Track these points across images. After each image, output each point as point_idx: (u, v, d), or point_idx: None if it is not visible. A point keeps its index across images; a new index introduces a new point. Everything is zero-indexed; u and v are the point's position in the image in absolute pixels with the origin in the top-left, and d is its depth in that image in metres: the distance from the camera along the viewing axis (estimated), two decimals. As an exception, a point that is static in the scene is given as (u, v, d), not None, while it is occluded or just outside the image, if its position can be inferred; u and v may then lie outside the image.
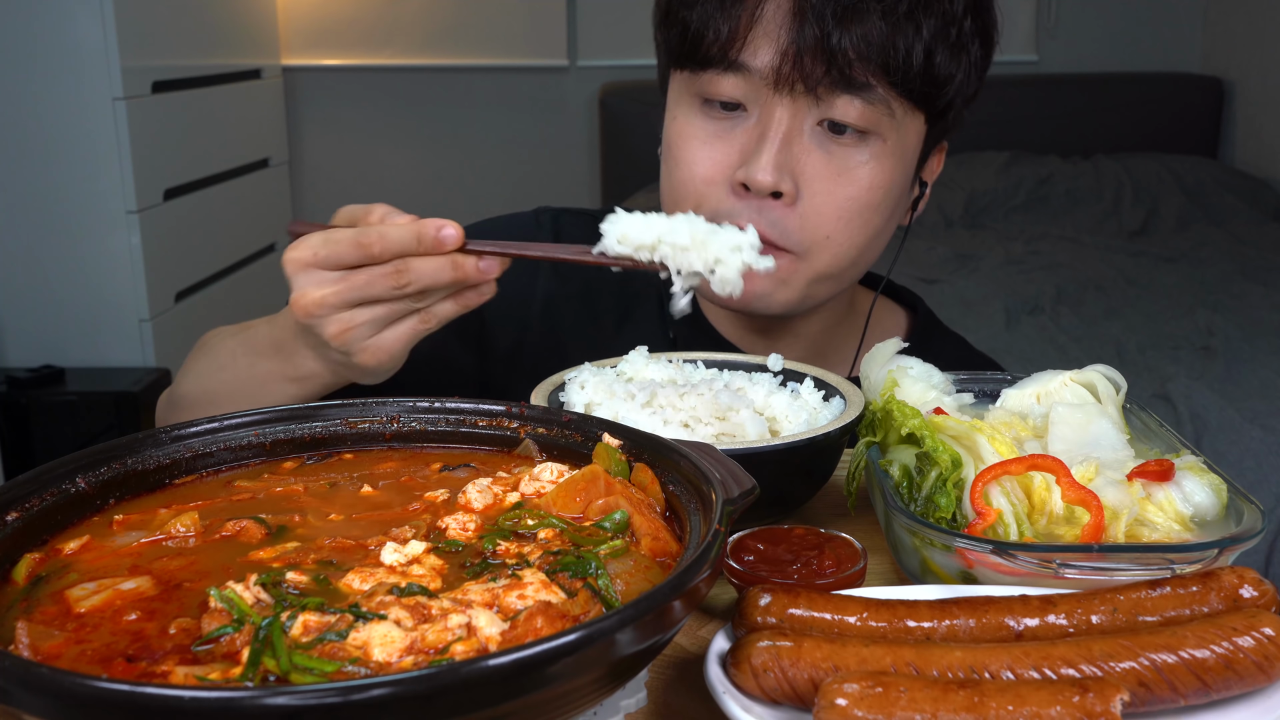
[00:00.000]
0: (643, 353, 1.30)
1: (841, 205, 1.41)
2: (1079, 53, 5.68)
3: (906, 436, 1.07)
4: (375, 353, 1.17)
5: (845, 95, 1.36)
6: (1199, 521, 1.00)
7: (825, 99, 1.36)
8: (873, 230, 1.46)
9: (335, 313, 1.15)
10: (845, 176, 1.40)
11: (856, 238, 1.44)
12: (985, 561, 0.95)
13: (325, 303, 1.15)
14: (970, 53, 1.43)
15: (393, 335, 1.17)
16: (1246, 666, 0.78)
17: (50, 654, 0.71)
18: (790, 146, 1.38)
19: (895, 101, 1.38)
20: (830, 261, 1.45)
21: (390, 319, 1.17)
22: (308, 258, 1.15)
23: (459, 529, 0.86)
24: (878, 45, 1.33)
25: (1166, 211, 5.09)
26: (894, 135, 1.41)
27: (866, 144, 1.40)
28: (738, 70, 1.38)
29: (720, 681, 0.82)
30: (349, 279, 1.14)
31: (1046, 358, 3.53)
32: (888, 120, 1.39)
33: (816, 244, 1.43)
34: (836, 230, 1.42)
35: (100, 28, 3.51)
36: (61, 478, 0.89)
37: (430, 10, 5.32)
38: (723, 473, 0.88)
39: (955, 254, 4.62)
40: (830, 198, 1.40)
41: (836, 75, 1.34)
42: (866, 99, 1.36)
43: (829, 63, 1.33)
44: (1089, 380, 1.17)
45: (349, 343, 1.17)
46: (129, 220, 3.67)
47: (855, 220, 1.43)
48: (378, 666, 0.68)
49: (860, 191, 1.41)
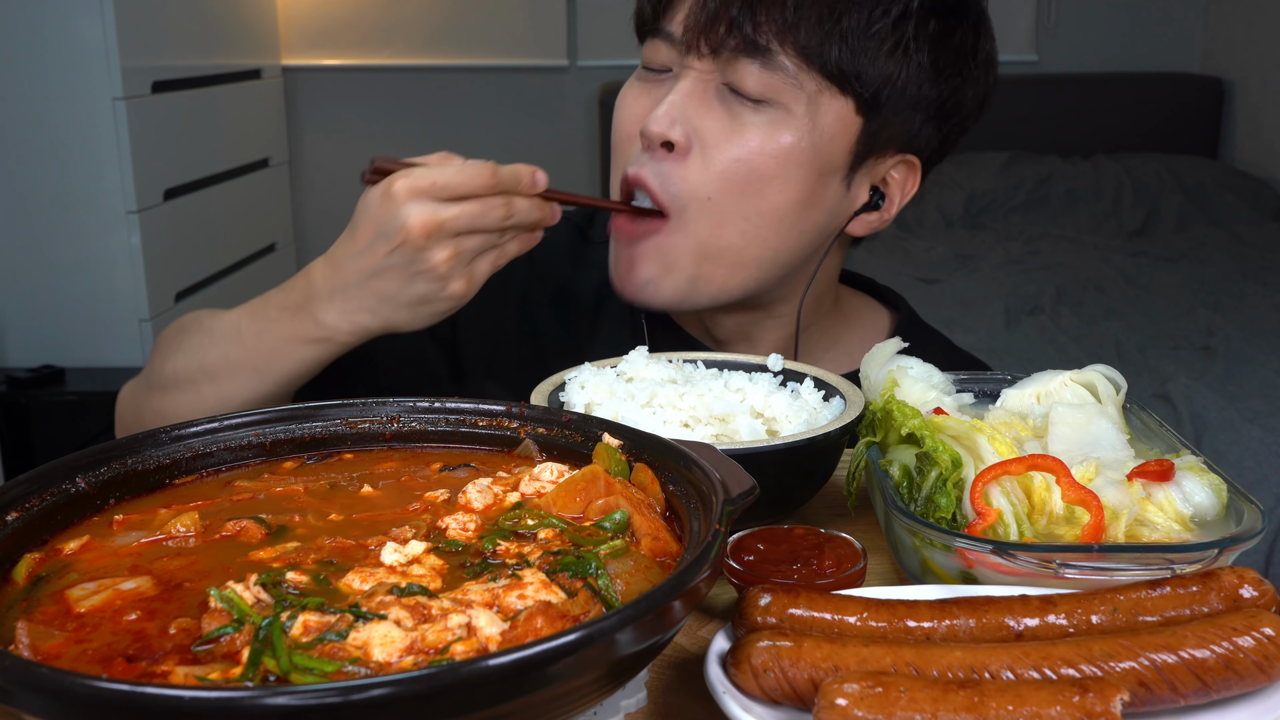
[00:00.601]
0: (642, 353, 1.30)
1: (728, 164, 1.41)
2: (1079, 53, 5.68)
3: (906, 436, 1.07)
4: (469, 281, 1.27)
5: (746, 60, 1.39)
6: (1199, 521, 1.00)
7: (730, 63, 1.41)
8: (768, 206, 1.42)
9: (449, 238, 1.23)
10: (738, 136, 1.41)
11: (744, 207, 1.42)
12: (985, 561, 0.95)
13: (444, 228, 1.23)
14: (913, 55, 1.41)
15: (484, 265, 1.28)
16: (1246, 666, 0.78)
17: (50, 654, 0.71)
18: (690, 101, 1.43)
19: (805, 76, 1.39)
20: (711, 229, 1.43)
21: (482, 250, 1.27)
22: (425, 186, 1.23)
23: (459, 529, 0.86)
24: (787, 19, 1.37)
25: (1166, 211, 5.09)
26: (802, 108, 1.40)
27: (766, 109, 1.41)
28: (665, 37, 1.46)
29: (720, 681, 0.82)
30: (465, 208, 1.23)
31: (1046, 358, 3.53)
32: (792, 91, 1.40)
33: (697, 203, 1.42)
34: (719, 191, 1.42)
35: (100, 28, 3.51)
36: (61, 478, 0.89)
37: (430, 10, 5.32)
38: (723, 473, 0.88)
39: (955, 254, 4.62)
40: (719, 153, 1.41)
41: (739, 40, 1.39)
42: (766, 64, 1.39)
43: (733, 27, 1.39)
44: (1089, 380, 1.17)
45: (453, 269, 1.25)
46: (129, 220, 3.67)
47: (740, 184, 1.41)
48: (378, 666, 0.68)
49: (749, 154, 1.41)
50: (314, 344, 1.34)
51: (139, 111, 3.66)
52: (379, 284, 1.28)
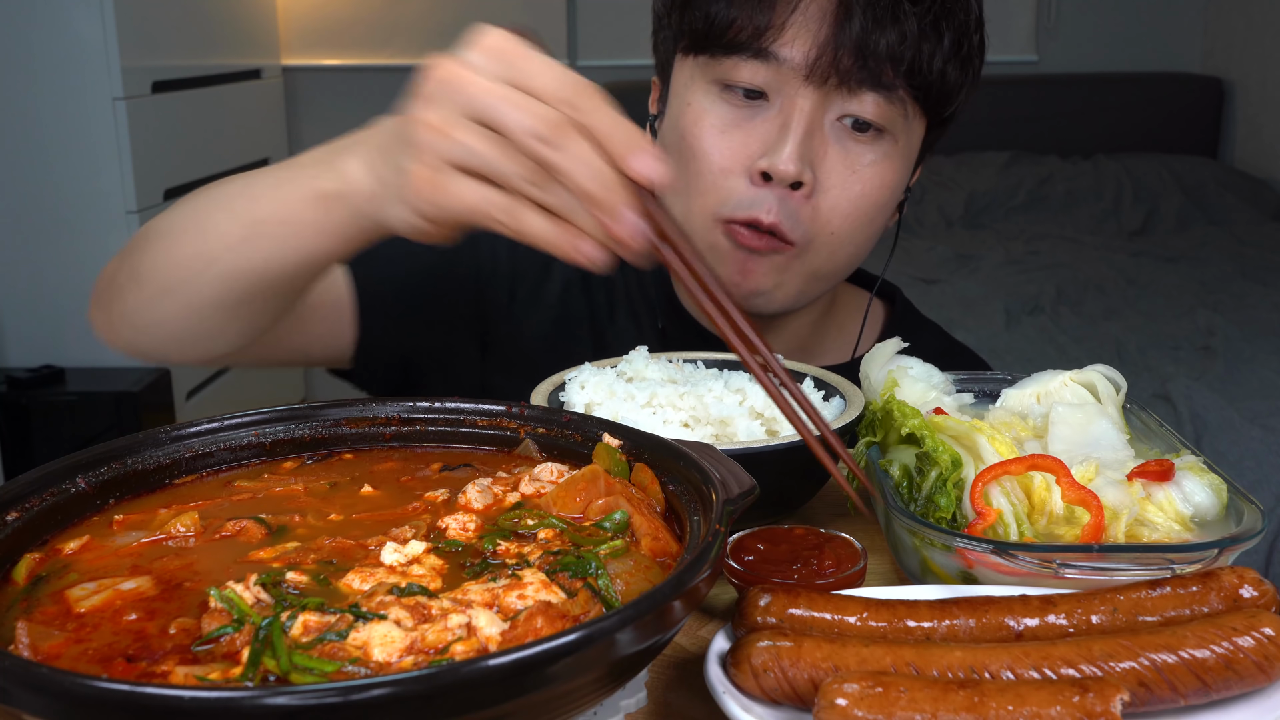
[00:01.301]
0: (643, 353, 1.30)
1: (853, 200, 1.43)
2: (1079, 53, 5.67)
3: (906, 436, 1.07)
4: (434, 186, 0.89)
5: (871, 92, 1.38)
6: (1199, 521, 1.00)
7: (853, 93, 1.39)
8: (873, 230, 1.49)
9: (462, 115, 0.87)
10: (858, 173, 1.43)
11: (858, 235, 1.47)
12: (985, 561, 0.95)
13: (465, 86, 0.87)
14: (974, 66, 1.47)
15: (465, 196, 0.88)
16: (1246, 666, 0.78)
17: (50, 654, 0.71)
18: (811, 138, 1.40)
19: (910, 103, 1.42)
20: (828, 258, 1.47)
21: (483, 167, 0.87)
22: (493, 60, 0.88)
23: (459, 529, 0.86)
24: (910, 47, 1.37)
25: (1166, 211, 5.09)
26: (904, 137, 1.45)
27: (880, 142, 1.43)
28: (766, 59, 1.38)
29: (720, 681, 0.82)
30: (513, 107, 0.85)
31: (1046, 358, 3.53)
32: (901, 121, 1.43)
33: (821, 238, 1.45)
34: (842, 226, 1.45)
35: (100, 28, 3.51)
36: (61, 478, 0.88)
37: (430, 10, 5.32)
38: (723, 473, 0.88)
39: (955, 254, 4.62)
40: (844, 192, 1.43)
41: (867, 73, 1.37)
42: (888, 98, 1.39)
43: (863, 60, 1.36)
44: (1089, 380, 1.17)
45: (432, 145, 0.88)
46: (129, 220, 3.67)
47: (861, 217, 1.45)
48: (378, 666, 0.68)
49: (870, 189, 1.44)
50: (331, 200, 1.03)
51: (139, 111, 3.66)
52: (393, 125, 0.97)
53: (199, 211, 1.17)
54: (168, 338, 1.22)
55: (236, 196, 1.13)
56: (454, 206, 0.89)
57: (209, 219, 1.14)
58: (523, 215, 0.87)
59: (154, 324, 1.21)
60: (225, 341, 1.22)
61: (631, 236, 0.85)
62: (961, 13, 1.42)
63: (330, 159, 1.05)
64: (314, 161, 1.08)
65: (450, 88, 0.87)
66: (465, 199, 0.88)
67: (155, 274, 1.18)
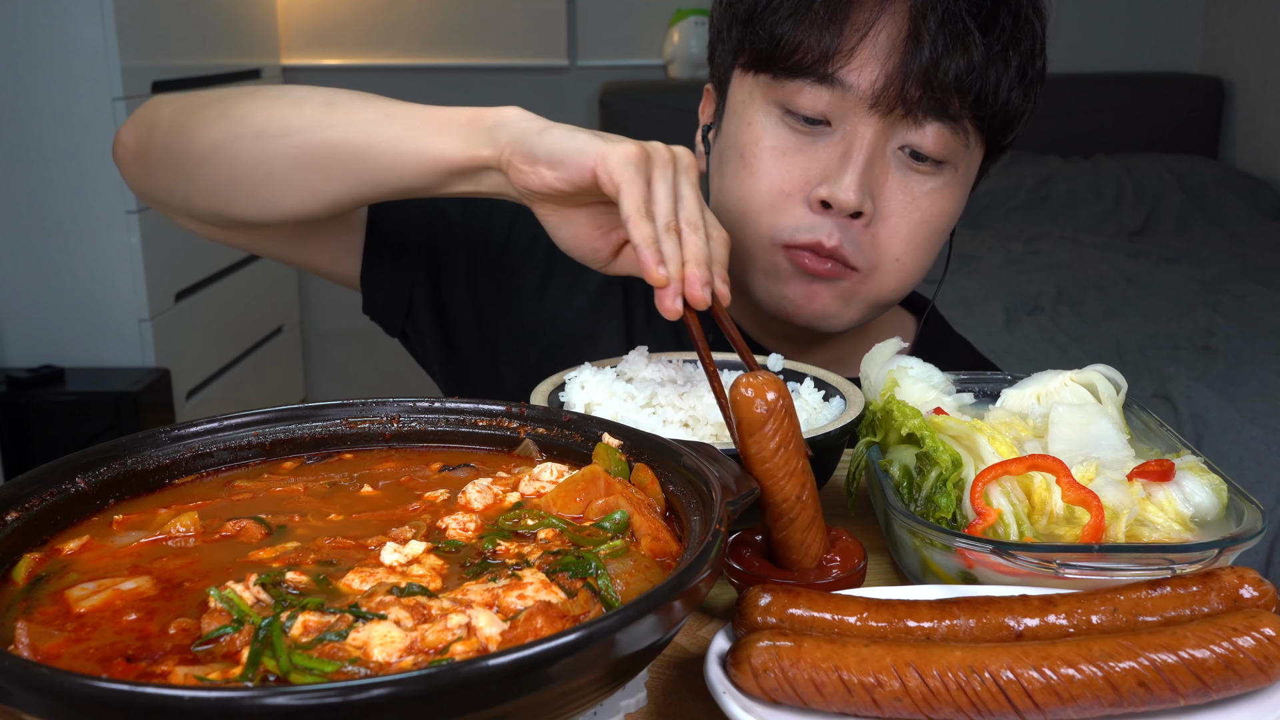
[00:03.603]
0: (643, 353, 1.30)
1: (914, 229, 1.43)
2: (1079, 53, 5.67)
3: (906, 436, 1.07)
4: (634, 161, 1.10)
5: (936, 122, 1.37)
6: (1199, 521, 1.00)
7: (919, 124, 1.37)
8: (933, 256, 1.49)
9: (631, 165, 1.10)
10: (918, 202, 1.42)
11: (921, 262, 1.47)
12: (985, 561, 0.95)
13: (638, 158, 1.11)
14: (1036, 92, 1.45)
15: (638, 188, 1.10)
16: (1246, 666, 0.78)
17: (50, 654, 0.71)
18: (873, 167, 1.39)
19: (973, 132, 1.41)
20: (895, 286, 1.47)
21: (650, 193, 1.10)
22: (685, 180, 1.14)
23: (459, 529, 0.86)
24: (978, 77, 1.35)
25: (1166, 211, 5.09)
26: (964, 165, 1.44)
27: (941, 172, 1.42)
28: (831, 84, 1.36)
29: (720, 681, 0.82)
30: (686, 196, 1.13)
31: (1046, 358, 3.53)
32: (962, 150, 1.42)
33: (885, 265, 1.44)
34: (905, 254, 1.45)
35: (100, 28, 3.51)
36: (61, 478, 0.88)
37: (430, 10, 5.32)
38: (723, 473, 0.88)
39: (955, 254, 4.61)
40: (904, 221, 1.42)
41: (934, 103, 1.35)
42: (953, 128, 1.38)
43: (930, 90, 1.34)
44: (1089, 380, 1.17)
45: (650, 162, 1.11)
46: (129, 220, 3.67)
47: (923, 245, 1.45)
48: (378, 666, 0.68)
49: (931, 218, 1.44)
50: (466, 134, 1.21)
51: (139, 111, 3.66)
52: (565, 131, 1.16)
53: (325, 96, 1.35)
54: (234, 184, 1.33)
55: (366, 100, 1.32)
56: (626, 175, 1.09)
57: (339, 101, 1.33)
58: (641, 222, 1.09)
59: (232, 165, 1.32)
60: (290, 202, 1.32)
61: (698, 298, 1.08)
62: (1028, 39, 1.39)
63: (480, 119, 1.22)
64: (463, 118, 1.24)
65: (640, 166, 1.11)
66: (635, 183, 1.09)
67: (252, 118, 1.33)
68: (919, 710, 0.78)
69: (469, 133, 1.21)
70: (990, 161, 1.53)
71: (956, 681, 0.77)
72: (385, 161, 1.26)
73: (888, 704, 0.78)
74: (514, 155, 1.17)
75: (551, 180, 1.15)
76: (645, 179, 1.10)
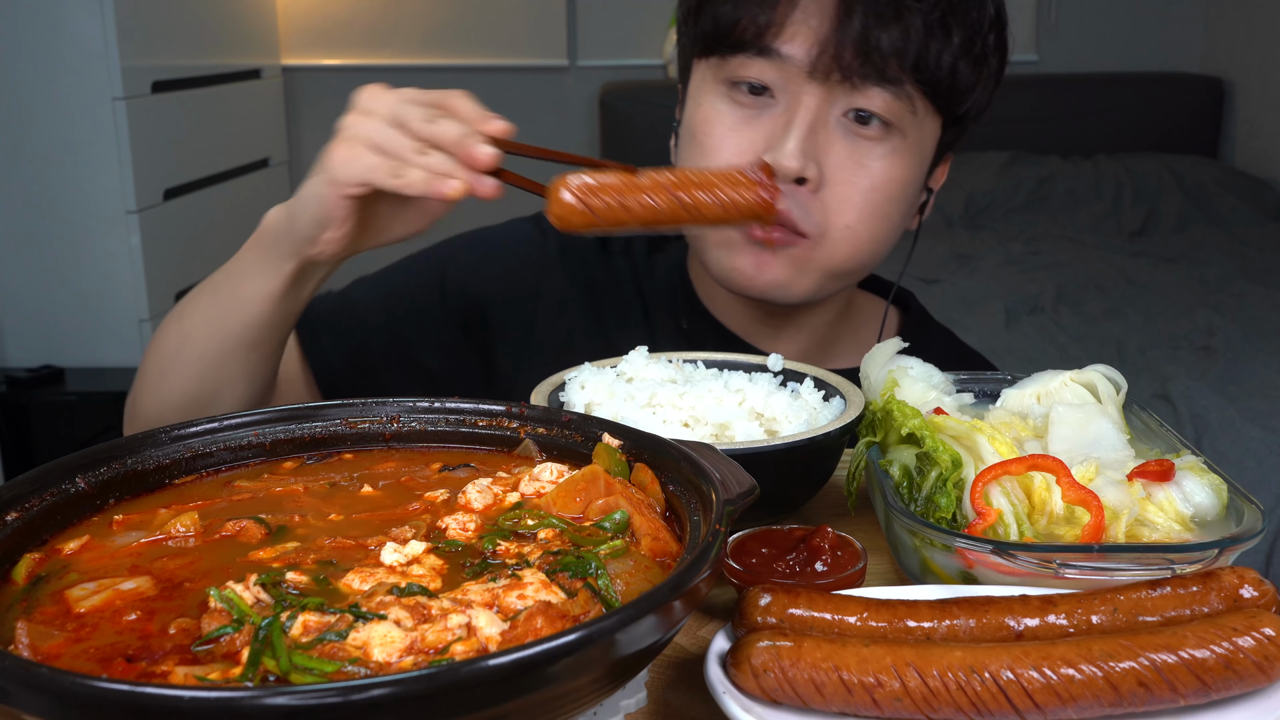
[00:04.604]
0: (642, 353, 1.30)
1: (863, 195, 1.44)
2: (1079, 53, 5.67)
3: (906, 436, 1.07)
4: (347, 153, 1.21)
5: (876, 87, 1.39)
6: (1199, 521, 1.00)
7: (857, 88, 1.40)
8: (890, 225, 1.50)
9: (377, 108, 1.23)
10: (866, 167, 1.44)
11: (875, 230, 1.48)
12: (985, 561, 0.95)
13: (381, 97, 1.24)
14: (989, 66, 1.48)
15: (369, 158, 1.20)
16: (1246, 666, 0.78)
17: (50, 654, 0.71)
18: (816, 134, 1.41)
19: (919, 100, 1.42)
20: (848, 253, 1.48)
21: (386, 149, 1.20)
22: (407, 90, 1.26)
23: (459, 529, 0.86)
24: (914, 44, 1.38)
25: (1166, 211, 5.09)
26: (914, 133, 1.45)
27: (889, 138, 1.44)
28: (771, 56, 1.41)
29: (720, 681, 0.82)
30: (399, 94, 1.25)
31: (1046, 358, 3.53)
32: (910, 117, 1.43)
33: (835, 231, 1.45)
34: (856, 221, 1.46)
35: (100, 27, 3.51)
36: (61, 478, 0.88)
37: (430, 10, 5.31)
38: (723, 473, 0.88)
39: (955, 254, 4.62)
40: (853, 187, 1.44)
41: (871, 68, 1.38)
42: (894, 93, 1.40)
43: (866, 55, 1.37)
44: (1089, 380, 1.17)
45: (350, 127, 1.22)
46: (129, 220, 3.67)
47: (875, 213, 1.46)
48: (378, 666, 0.68)
49: (880, 183, 1.45)
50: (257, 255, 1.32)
51: (139, 111, 3.66)
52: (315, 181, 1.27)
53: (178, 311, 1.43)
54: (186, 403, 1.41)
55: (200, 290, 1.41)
56: (360, 170, 1.20)
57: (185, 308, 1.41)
58: (405, 171, 1.19)
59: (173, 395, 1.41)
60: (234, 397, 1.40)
61: (483, 159, 1.20)
62: (975, 10, 1.42)
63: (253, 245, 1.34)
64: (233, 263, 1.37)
65: (369, 95, 1.25)
66: (366, 162, 1.20)
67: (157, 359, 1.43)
68: (919, 710, 0.78)
69: (264, 261, 1.31)
70: (952, 135, 1.53)
71: (956, 681, 0.77)
72: (238, 325, 1.35)
73: (888, 704, 0.78)
74: (300, 248, 1.28)
75: (337, 236, 1.25)
76: (366, 146, 1.20)
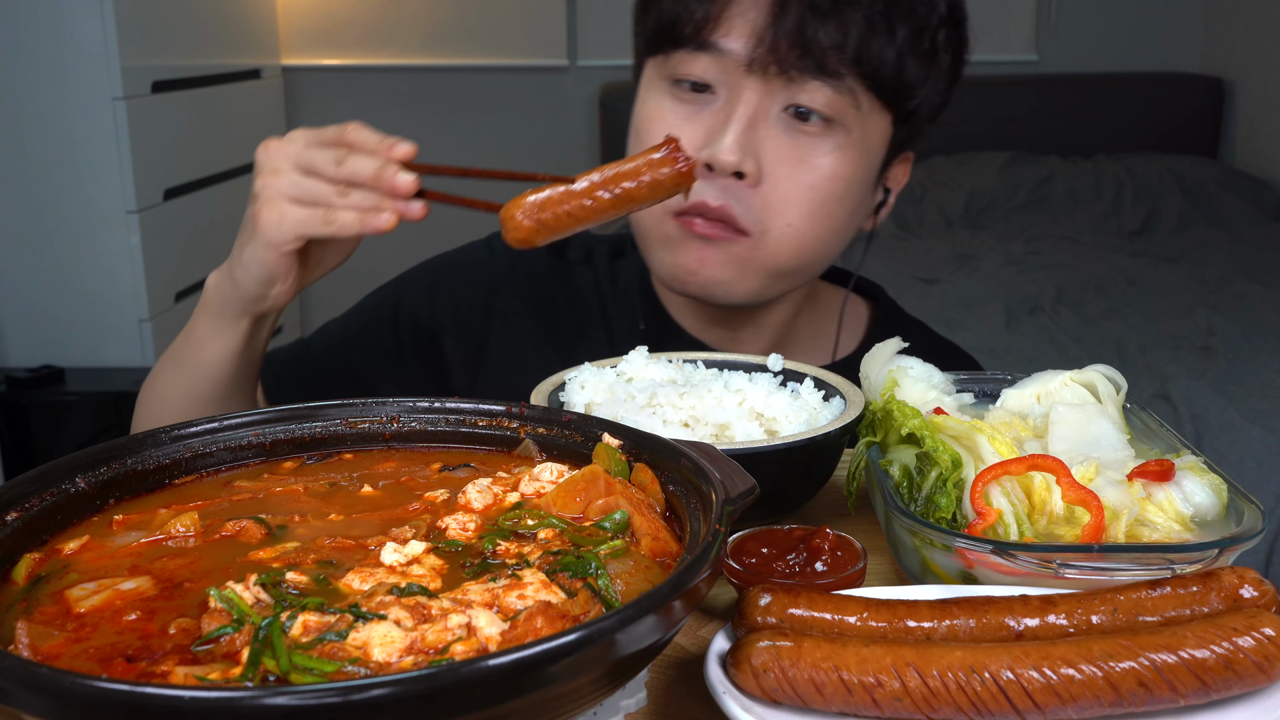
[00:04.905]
0: (642, 353, 1.30)
1: (804, 192, 1.43)
2: (1079, 53, 5.67)
3: (906, 436, 1.07)
4: (279, 214, 1.25)
5: (815, 80, 1.38)
6: (1199, 521, 1.00)
7: (796, 82, 1.39)
8: (835, 223, 1.47)
9: (283, 163, 1.26)
10: (808, 164, 1.42)
11: (818, 228, 1.46)
12: (985, 561, 0.95)
13: (285, 149, 1.26)
14: (940, 63, 1.45)
15: (296, 213, 1.25)
16: (1246, 666, 0.78)
17: (50, 654, 0.71)
18: (755, 129, 1.41)
19: (863, 95, 1.41)
20: (791, 251, 1.46)
21: (308, 200, 1.24)
22: (302, 131, 1.29)
23: (459, 529, 0.86)
24: (854, 38, 1.37)
25: (1166, 211, 5.09)
26: (858, 129, 1.43)
27: (831, 134, 1.42)
28: (710, 51, 1.41)
29: (720, 681, 0.82)
30: (303, 138, 1.27)
31: (1046, 358, 3.53)
32: (853, 112, 1.42)
33: (778, 229, 1.44)
34: (798, 218, 1.44)
35: (100, 28, 3.50)
36: (61, 478, 0.88)
37: (430, 10, 5.31)
38: (723, 473, 0.88)
39: (955, 254, 4.62)
40: (793, 183, 1.42)
41: (810, 62, 1.37)
42: (835, 87, 1.39)
43: (804, 50, 1.37)
44: (1089, 380, 1.17)
45: (267, 188, 1.26)
46: (129, 220, 3.67)
47: (817, 209, 1.44)
48: (378, 666, 0.68)
49: (822, 180, 1.43)
50: (209, 320, 1.37)
51: (139, 111, 3.66)
52: (241, 228, 1.33)
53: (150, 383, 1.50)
54: None
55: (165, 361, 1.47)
56: (291, 226, 1.25)
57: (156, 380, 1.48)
58: (335, 216, 1.24)
59: None
60: None
61: (405, 187, 1.22)
62: (921, 6, 1.41)
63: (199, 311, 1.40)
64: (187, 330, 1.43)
65: (271, 151, 1.27)
66: (296, 217, 1.25)
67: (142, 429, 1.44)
68: (919, 710, 0.78)
69: (217, 324, 1.37)
70: (906, 134, 1.51)
71: (956, 681, 0.77)
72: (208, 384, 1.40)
73: (888, 704, 0.78)
74: (250, 306, 1.34)
75: (285, 289, 1.32)
76: (289, 203, 1.25)
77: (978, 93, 5.42)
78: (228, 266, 1.34)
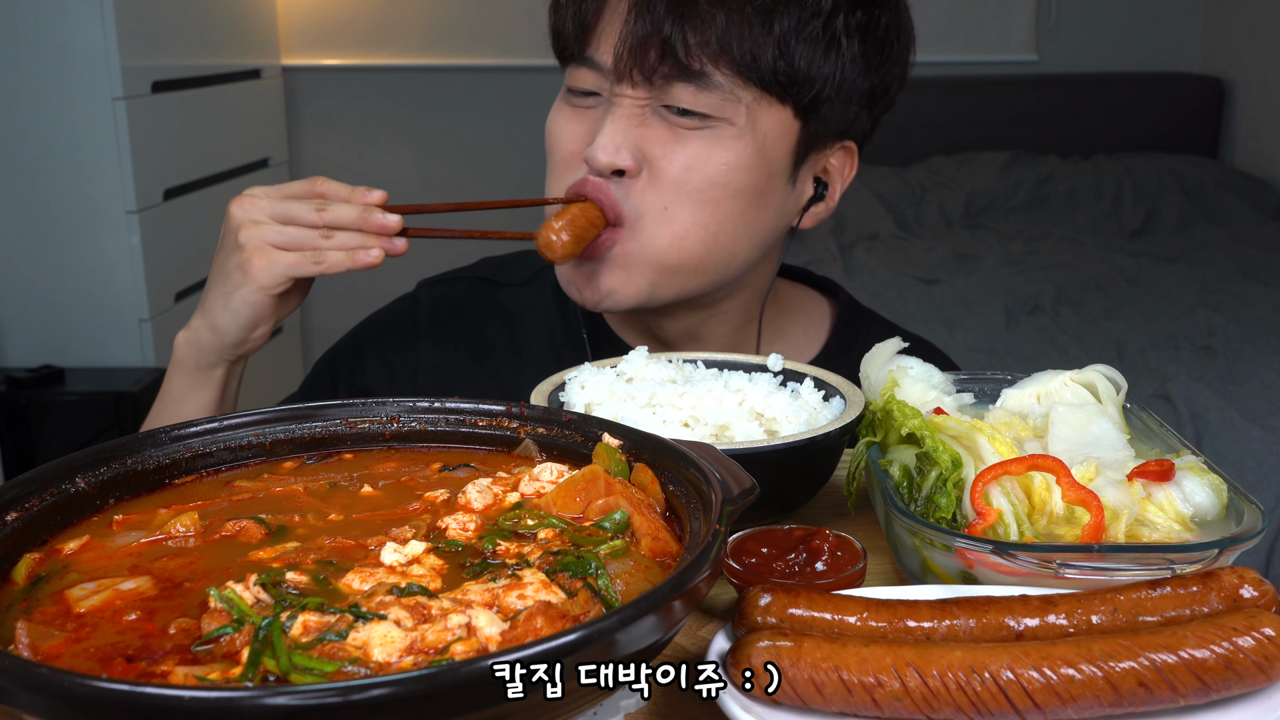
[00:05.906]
0: (642, 353, 1.30)
1: (679, 173, 1.42)
2: (1079, 53, 5.67)
3: (906, 436, 1.07)
4: (268, 262, 1.35)
5: (681, 84, 1.39)
6: (1199, 521, 1.00)
7: (661, 87, 1.40)
8: (725, 214, 1.44)
9: (260, 215, 1.36)
10: (683, 147, 1.42)
11: (701, 216, 1.43)
12: (985, 561, 0.95)
13: (258, 203, 1.36)
14: (844, 49, 1.41)
15: (290, 258, 1.35)
16: (1246, 666, 0.78)
17: (50, 654, 0.71)
18: (629, 126, 1.42)
19: (741, 89, 1.39)
20: (670, 239, 1.43)
21: (293, 245, 1.35)
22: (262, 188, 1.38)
23: (459, 529, 0.86)
24: (717, 36, 1.36)
25: (1166, 211, 5.09)
26: (744, 120, 1.41)
27: (710, 126, 1.41)
28: (590, 65, 1.45)
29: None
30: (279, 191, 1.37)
31: (1046, 358, 3.53)
32: (732, 105, 1.40)
33: (653, 213, 1.43)
34: (673, 201, 1.42)
35: (100, 27, 3.50)
36: (61, 478, 0.88)
37: (430, 10, 5.31)
38: (723, 473, 0.88)
39: (955, 254, 4.62)
40: (669, 164, 1.42)
41: (672, 65, 1.38)
42: (700, 85, 1.39)
43: (664, 53, 1.37)
44: (1089, 380, 1.17)
45: (252, 238, 1.35)
46: (129, 220, 3.67)
47: (696, 196, 1.42)
48: (378, 666, 0.68)
49: (698, 162, 1.41)
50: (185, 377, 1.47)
51: (139, 111, 3.66)
52: (212, 280, 1.42)
53: None
54: None
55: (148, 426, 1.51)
56: (282, 269, 1.35)
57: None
58: (324, 256, 1.35)
59: None
60: None
61: (393, 226, 1.36)
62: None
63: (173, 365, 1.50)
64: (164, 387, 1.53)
65: (246, 206, 1.38)
66: (286, 261, 1.35)
67: None
68: (919, 710, 0.78)
69: (194, 380, 1.47)
70: (820, 126, 1.46)
71: (956, 681, 0.77)
72: None
73: (888, 704, 0.78)
74: (229, 352, 1.44)
75: (266, 330, 1.43)
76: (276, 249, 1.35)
77: (978, 93, 5.42)
78: (200, 321, 1.44)
